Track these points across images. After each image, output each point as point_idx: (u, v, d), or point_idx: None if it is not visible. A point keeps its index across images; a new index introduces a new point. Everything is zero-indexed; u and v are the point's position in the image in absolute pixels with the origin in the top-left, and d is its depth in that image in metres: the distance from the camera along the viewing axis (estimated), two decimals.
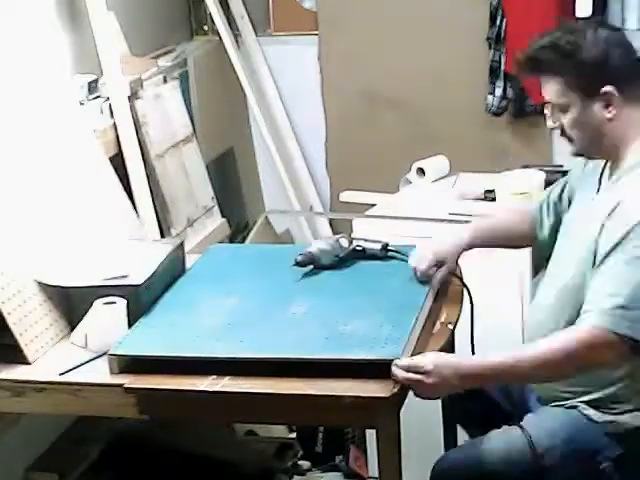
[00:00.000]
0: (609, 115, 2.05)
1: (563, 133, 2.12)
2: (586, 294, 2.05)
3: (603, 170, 2.19)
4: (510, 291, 2.91)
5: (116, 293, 2.30)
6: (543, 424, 2.20)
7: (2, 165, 2.48)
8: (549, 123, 2.15)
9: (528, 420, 2.22)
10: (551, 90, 2.08)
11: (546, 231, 2.40)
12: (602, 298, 1.99)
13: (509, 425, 2.22)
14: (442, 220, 3.03)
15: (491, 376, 2.05)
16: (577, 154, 2.17)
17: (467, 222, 2.81)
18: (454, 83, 3.80)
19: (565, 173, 3.20)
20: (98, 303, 2.27)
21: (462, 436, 2.61)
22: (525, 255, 2.92)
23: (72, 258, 2.47)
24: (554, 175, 3.16)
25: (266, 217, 4.05)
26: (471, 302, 2.35)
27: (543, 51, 2.07)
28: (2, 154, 2.49)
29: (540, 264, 3.03)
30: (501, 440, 2.20)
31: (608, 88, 2.03)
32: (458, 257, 2.39)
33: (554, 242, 2.30)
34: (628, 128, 2.07)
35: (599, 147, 2.11)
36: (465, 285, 2.37)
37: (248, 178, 4.14)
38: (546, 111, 2.14)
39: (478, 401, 2.35)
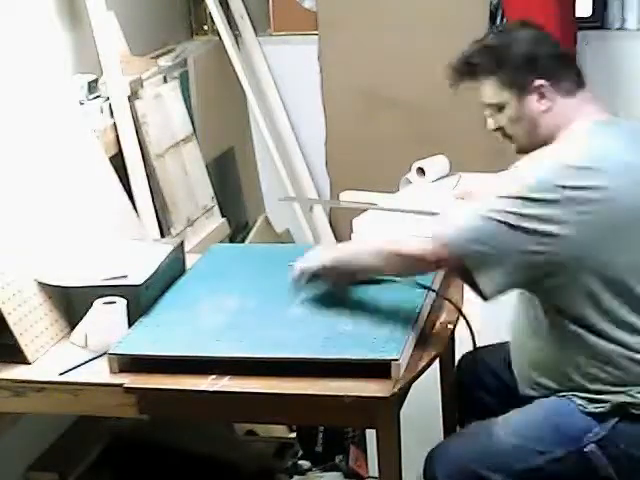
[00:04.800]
0: (543, 107, 2.14)
1: (504, 134, 2.23)
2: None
3: None
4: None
5: (116, 293, 2.30)
6: (529, 413, 2.22)
7: (2, 165, 2.48)
8: (489, 125, 2.25)
9: (515, 411, 2.25)
10: (487, 92, 2.20)
11: None
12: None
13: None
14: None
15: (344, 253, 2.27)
16: (519, 151, 2.25)
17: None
18: None
19: None
20: (98, 303, 2.27)
21: None
22: None
23: (72, 258, 2.47)
24: None
25: (266, 217, 4.06)
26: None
27: (476, 55, 2.19)
28: (2, 154, 2.49)
29: None
30: (488, 430, 2.23)
31: (540, 81, 2.12)
32: None
33: None
34: (562, 117, 2.15)
35: (537, 139, 2.19)
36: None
37: (248, 178, 4.14)
38: (485, 113, 2.25)
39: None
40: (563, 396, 2.19)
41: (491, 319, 2.57)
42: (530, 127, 2.18)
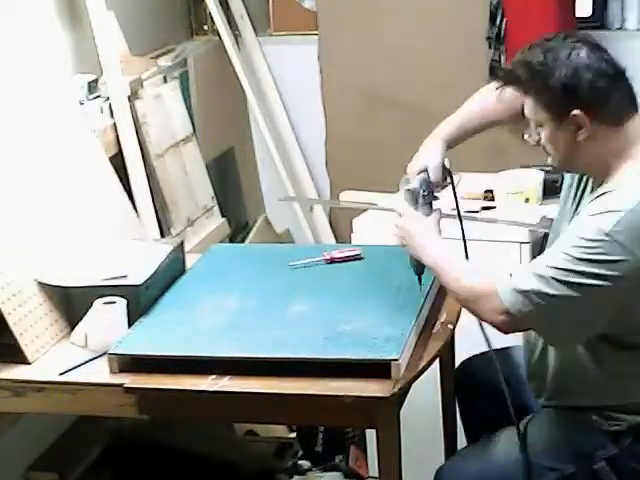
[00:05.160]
0: (580, 138, 2.02)
1: (543, 148, 2.12)
2: None
3: (582, 182, 2.19)
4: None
5: (116, 293, 2.30)
6: (541, 427, 2.21)
7: (2, 165, 2.47)
8: (525, 136, 2.15)
9: (527, 423, 2.23)
10: (527, 105, 2.09)
11: None
12: (523, 274, 2.03)
13: (507, 427, 2.23)
14: (449, 216, 3.03)
15: (431, 257, 2.19)
16: (555, 168, 2.17)
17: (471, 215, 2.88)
18: (454, 83, 3.79)
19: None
20: (98, 303, 2.27)
21: (462, 436, 2.60)
22: (526, 254, 2.92)
23: (72, 258, 2.47)
24: (554, 175, 3.17)
25: (266, 217, 4.06)
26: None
27: (518, 68, 2.08)
28: (2, 154, 2.49)
29: None
30: (498, 446, 2.21)
31: (576, 112, 1.99)
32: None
33: None
34: (605, 148, 2.03)
35: (575, 165, 2.10)
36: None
37: (248, 178, 4.14)
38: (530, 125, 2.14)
39: (487, 401, 2.39)
40: (581, 411, 2.16)
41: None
42: (566, 153, 2.07)
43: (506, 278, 2.05)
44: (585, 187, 2.18)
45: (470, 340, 2.59)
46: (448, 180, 2.36)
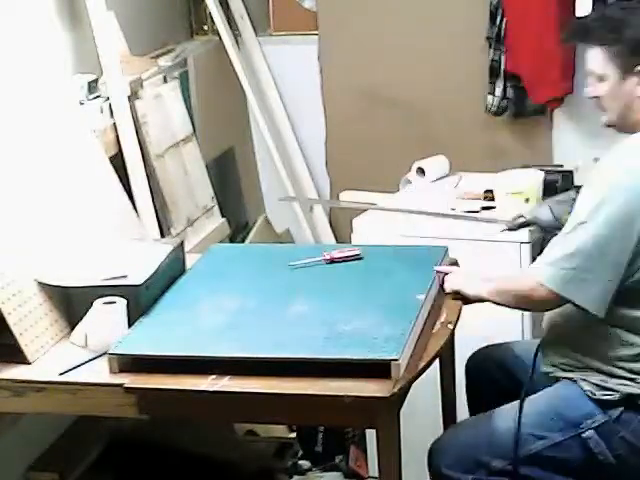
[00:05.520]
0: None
1: (598, 104, 2.24)
2: None
3: None
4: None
5: (116, 293, 2.30)
6: (530, 400, 2.27)
7: (2, 165, 2.48)
8: (586, 92, 2.28)
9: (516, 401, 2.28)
10: (594, 59, 2.21)
11: None
12: (548, 254, 2.21)
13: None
14: (450, 216, 3.04)
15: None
16: (608, 125, 2.27)
17: (471, 215, 2.92)
18: (454, 83, 3.80)
19: (565, 173, 3.22)
20: (98, 303, 2.27)
21: None
22: (525, 251, 2.92)
23: (72, 258, 2.47)
24: (554, 175, 3.17)
25: (266, 217, 4.05)
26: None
27: (593, 21, 2.22)
28: (2, 154, 2.49)
29: None
30: (491, 418, 2.28)
31: None
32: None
33: None
34: None
35: (628, 122, 2.22)
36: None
37: (248, 178, 4.14)
38: (588, 79, 2.26)
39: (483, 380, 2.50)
40: (574, 380, 2.22)
41: (501, 318, 2.58)
42: (624, 108, 2.20)
43: (536, 263, 2.22)
44: None
45: (470, 340, 2.60)
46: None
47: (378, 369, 2.03)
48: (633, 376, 2.18)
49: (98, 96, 3.08)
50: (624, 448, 2.18)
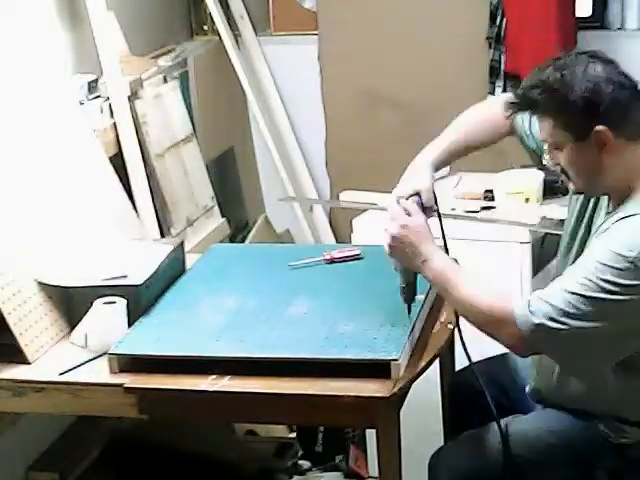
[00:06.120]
0: (604, 155, 1.96)
1: (562, 172, 2.05)
2: None
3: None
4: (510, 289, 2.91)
5: (116, 293, 2.30)
6: (545, 422, 2.20)
7: (2, 165, 2.47)
8: (545, 161, 2.09)
9: (526, 419, 2.23)
10: (544, 128, 2.01)
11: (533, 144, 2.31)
12: (540, 298, 1.96)
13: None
14: (450, 216, 3.03)
15: (434, 274, 2.07)
16: (577, 192, 2.10)
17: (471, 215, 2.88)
18: (454, 83, 3.79)
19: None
20: (98, 303, 2.27)
21: None
22: (526, 254, 2.92)
23: (72, 258, 2.47)
24: (554, 175, 3.16)
25: (266, 217, 4.05)
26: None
27: (533, 90, 1.98)
28: (2, 154, 2.49)
29: (541, 263, 3.04)
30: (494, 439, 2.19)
31: (600, 128, 1.93)
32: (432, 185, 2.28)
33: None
34: (628, 164, 1.98)
35: (599, 185, 2.03)
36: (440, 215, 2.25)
37: (248, 178, 4.14)
38: (544, 148, 2.08)
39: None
40: (587, 417, 2.15)
41: None
42: (590, 174, 1.99)
43: (522, 303, 1.97)
44: (598, 200, 2.12)
45: (470, 338, 2.60)
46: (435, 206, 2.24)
47: (378, 369, 2.03)
48: None
49: (98, 96, 3.08)
50: None
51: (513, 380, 2.39)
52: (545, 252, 3.03)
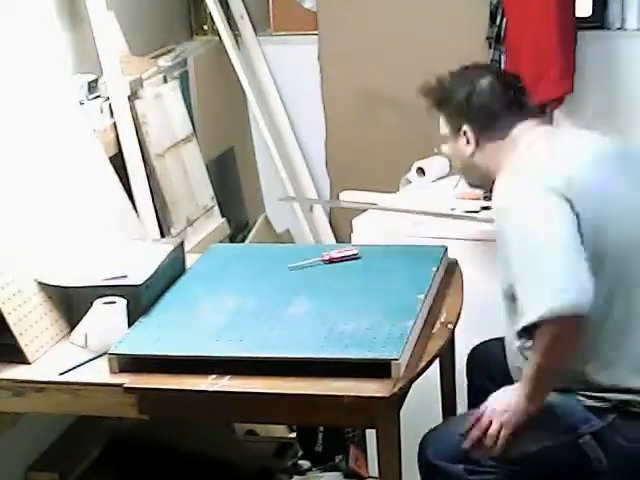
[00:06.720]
0: (469, 151, 2.36)
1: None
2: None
3: None
4: None
5: (116, 293, 2.30)
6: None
7: (2, 165, 2.47)
8: (443, 151, 2.49)
9: None
10: (440, 122, 2.43)
11: None
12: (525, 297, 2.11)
13: None
14: (450, 216, 3.04)
15: (532, 385, 2.16)
16: (470, 186, 2.57)
17: (471, 215, 2.94)
18: None
19: None
20: (98, 303, 2.27)
21: None
22: None
23: (72, 258, 2.47)
24: None
25: (266, 217, 4.05)
26: None
27: (429, 88, 2.43)
28: (2, 154, 2.49)
29: None
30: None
31: (465, 127, 2.35)
32: None
33: None
34: (491, 159, 2.33)
35: (475, 178, 2.46)
36: None
37: (248, 178, 4.13)
38: None
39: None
40: (566, 392, 2.21)
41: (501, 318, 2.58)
42: (464, 167, 2.43)
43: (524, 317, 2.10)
44: None
45: (470, 338, 2.60)
46: None
47: (378, 369, 2.03)
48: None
49: (98, 96, 3.08)
50: (618, 455, 2.17)
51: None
52: None
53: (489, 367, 2.51)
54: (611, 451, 2.17)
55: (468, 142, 2.36)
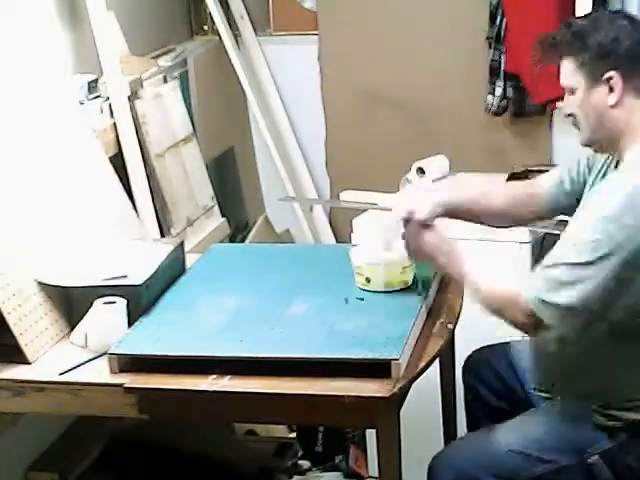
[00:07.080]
0: (611, 101, 2.06)
1: (574, 122, 2.14)
2: None
3: (608, 158, 2.20)
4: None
5: (116, 293, 2.30)
6: (534, 420, 2.23)
7: (2, 165, 2.47)
8: (562, 109, 2.19)
9: (519, 417, 2.25)
10: (563, 72, 2.12)
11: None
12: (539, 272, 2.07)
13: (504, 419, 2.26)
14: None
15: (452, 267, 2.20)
16: (584, 144, 2.17)
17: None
18: (454, 83, 3.80)
19: None
20: (98, 303, 2.27)
21: (462, 435, 2.61)
22: (526, 254, 2.92)
23: (72, 258, 2.47)
24: None
25: (266, 217, 4.05)
26: None
27: (560, 34, 2.11)
28: (2, 154, 2.49)
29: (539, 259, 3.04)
30: (493, 436, 2.22)
31: (611, 73, 2.04)
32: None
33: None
34: (630, 117, 2.07)
35: (602, 135, 2.11)
36: None
37: (248, 178, 4.13)
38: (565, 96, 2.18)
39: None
40: (582, 399, 2.17)
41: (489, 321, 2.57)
42: (596, 121, 2.09)
43: (528, 282, 2.07)
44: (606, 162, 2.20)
45: (470, 338, 2.60)
46: None
47: (378, 369, 2.03)
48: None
49: (98, 96, 3.08)
50: (627, 476, 2.13)
51: (519, 366, 2.42)
52: (545, 252, 3.03)
53: (484, 374, 2.49)
54: (620, 471, 2.12)
55: (611, 90, 2.05)
